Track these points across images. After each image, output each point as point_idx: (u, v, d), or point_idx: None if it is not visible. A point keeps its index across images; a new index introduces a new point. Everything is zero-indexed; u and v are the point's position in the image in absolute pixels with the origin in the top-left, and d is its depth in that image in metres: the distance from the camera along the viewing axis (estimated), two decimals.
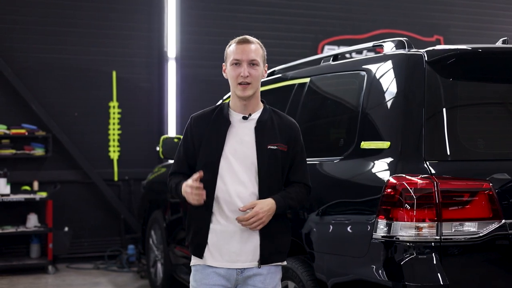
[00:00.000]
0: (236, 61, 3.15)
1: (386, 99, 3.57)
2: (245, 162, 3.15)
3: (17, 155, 8.21)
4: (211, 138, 3.18)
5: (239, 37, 3.23)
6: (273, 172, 3.16)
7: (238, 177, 3.14)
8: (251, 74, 3.13)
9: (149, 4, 8.94)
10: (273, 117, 3.25)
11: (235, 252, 3.15)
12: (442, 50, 3.54)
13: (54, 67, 8.52)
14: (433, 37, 10.55)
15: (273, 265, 3.22)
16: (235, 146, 3.16)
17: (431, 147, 3.32)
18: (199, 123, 3.25)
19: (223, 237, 3.16)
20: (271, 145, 3.16)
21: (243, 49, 3.16)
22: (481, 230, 3.17)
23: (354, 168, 3.63)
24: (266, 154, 3.15)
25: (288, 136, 3.23)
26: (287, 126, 3.26)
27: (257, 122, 3.19)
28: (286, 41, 9.58)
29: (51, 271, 7.88)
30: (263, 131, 3.17)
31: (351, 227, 3.53)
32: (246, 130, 3.18)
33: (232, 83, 3.18)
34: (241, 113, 3.20)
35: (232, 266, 3.16)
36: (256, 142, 3.15)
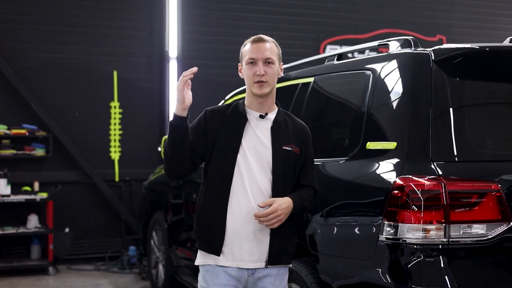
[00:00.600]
0: (252, 60, 3.15)
1: (392, 99, 3.51)
2: (261, 160, 3.14)
3: (17, 155, 8.16)
4: (228, 134, 3.17)
5: (254, 36, 3.22)
6: (287, 173, 3.17)
7: (254, 175, 3.13)
8: (267, 72, 3.13)
9: (150, 4, 8.89)
10: (287, 119, 3.27)
11: (248, 251, 3.13)
12: (450, 49, 3.48)
13: (55, 66, 8.46)
14: (435, 36, 10.50)
15: (284, 266, 3.22)
16: (251, 143, 3.16)
17: (439, 148, 3.26)
18: (215, 117, 3.22)
19: (236, 237, 3.12)
20: (286, 146, 3.18)
21: (258, 48, 3.15)
22: (490, 232, 3.11)
23: (359, 169, 3.57)
24: (281, 155, 3.16)
25: (301, 139, 3.26)
26: (300, 129, 3.29)
27: (274, 122, 3.20)
28: (287, 40, 9.50)
29: (52, 272, 7.83)
30: (279, 132, 3.19)
31: (356, 229, 3.47)
32: (263, 129, 3.19)
33: (248, 82, 3.18)
34: (258, 112, 3.20)
35: (244, 266, 3.13)
36: (272, 141, 3.16)
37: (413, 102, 3.40)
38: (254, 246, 3.13)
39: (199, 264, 3.22)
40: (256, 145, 3.16)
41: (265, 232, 3.14)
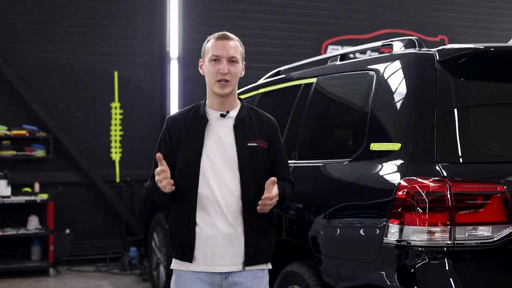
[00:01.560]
0: (216, 57, 3.04)
1: (396, 100, 3.47)
2: (226, 160, 3.06)
3: (17, 156, 8.13)
4: (189, 138, 3.10)
5: (217, 32, 3.13)
6: (255, 170, 3.09)
7: (221, 176, 3.05)
8: (230, 71, 3.05)
9: (151, 4, 8.86)
10: (251, 114, 3.17)
11: (220, 255, 3.04)
12: (454, 49, 3.45)
13: (55, 67, 8.43)
14: (437, 37, 10.47)
15: (259, 269, 3.11)
16: (214, 145, 3.08)
17: (444, 149, 3.22)
18: (176, 123, 3.16)
19: (208, 241, 3.04)
20: (251, 142, 3.09)
21: (223, 45, 3.05)
22: (495, 234, 3.07)
23: (363, 170, 3.53)
24: (247, 152, 3.07)
25: (268, 133, 3.16)
26: (266, 123, 3.19)
27: (236, 120, 3.12)
28: (288, 41, 9.50)
29: (52, 273, 7.80)
30: (242, 129, 3.11)
31: (360, 231, 3.43)
32: (225, 128, 3.11)
33: (210, 80, 3.09)
34: (219, 111, 3.12)
35: (216, 270, 3.05)
36: (236, 139, 3.08)
37: (418, 102, 3.37)
38: (227, 249, 3.04)
39: (173, 268, 3.15)
40: (219, 146, 3.08)
41: (238, 234, 3.05)
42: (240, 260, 3.06)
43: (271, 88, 5.00)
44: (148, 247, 6.98)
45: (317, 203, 3.84)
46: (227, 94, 3.09)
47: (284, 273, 4.05)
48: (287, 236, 4.13)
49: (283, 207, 4.14)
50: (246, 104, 3.22)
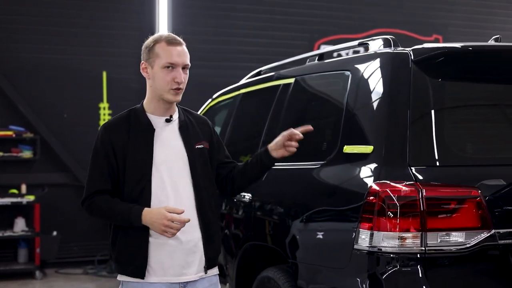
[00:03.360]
0: (171, 64, 2.93)
1: (369, 101, 3.37)
2: (178, 166, 2.97)
3: (4, 157, 8.07)
4: (136, 148, 2.92)
5: (164, 34, 3.03)
6: (205, 171, 3.05)
7: (173, 185, 2.94)
8: (184, 79, 2.97)
9: (140, 3, 8.78)
10: (189, 116, 3.13)
11: (180, 264, 2.93)
12: (430, 48, 3.33)
13: (42, 67, 8.36)
14: (432, 36, 10.37)
15: (213, 274, 3.08)
16: (164, 152, 2.96)
17: (417, 152, 3.10)
18: (115, 132, 2.96)
19: (166, 251, 2.91)
20: (198, 145, 3.05)
21: (179, 52, 2.96)
22: (469, 240, 2.96)
23: (336, 174, 3.42)
24: (196, 154, 3.02)
25: (207, 133, 3.16)
26: (203, 123, 3.19)
27: (180, 123, 3.04)
28: (281, 40, 9.40)
29: (39, 276, 7.72)
30: (188, 131, 3.05)
31: (332, 236, 3.33)
32: (171, 132, 3.01)
33: (162, 87, 2.94)
34: (162, 116, 3.00)
35: (177, 280, 2.93)
36: (184, 143, 3.01)
37: (391, 104, 3.25)
38: (186, 258, 2.94)
39: (122, 280, 2.96)
40: (169, 152, 2.97)
41: (196, 242, 2.96)
42: (201, 267, 3.00)
43: (251, 88, 4.90)
44: None
45: (291, 207, 3.74)
46: (178, 101, 3.02)
47: (260, 279, 3.96)
48: (262, 241, 4.03)
49: (258, 210, 4.06)
50: (180, 106, 3.13)
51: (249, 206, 4.18)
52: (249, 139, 4.67)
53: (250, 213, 4.16)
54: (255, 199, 4.10)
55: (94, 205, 2.96)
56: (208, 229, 3.00)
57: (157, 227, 2.80)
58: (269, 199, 3.94)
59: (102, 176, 2.93)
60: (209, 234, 3.01)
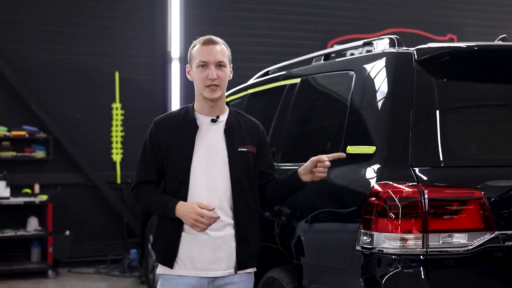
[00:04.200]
0: (203, 63, 3.05)
1: (373, 101, 3.34)
2: (217, 166, 3.06)
3: (17, 157, 8.10)
4: (179, 144, 3.07)
5: (203, 37, 3.12)
6: (246, 175, 3.10)
7: (211, 182, 3.05)
8: (219, 76, 3.04)
9: (153, 4, 8.79)
10: (240, 119, 3.18)
11: (209, 260, 3.05)
12: (434, 48, 3.30)
13: (55, 68, 8.40)
14: (446, 36, 10.28)
15: (246, 272, 3.14)
16: (205, 150, 3.07)
17: (419, 153, 3.08)
18: (164, 127, 3.13)
19: (196, 245, 3.05)
20: (242, 148, 3.10)
21: (210, 50, 3.05)
22: (472, 242, 2.93)
23: (339, 175, 3.40)
24: (238, 157, 3.08)
25: (256, 138, 3.19)
26: (254, 128, 3.22)
27: (226, 124, 3.11)
28: (294, 40, 9.36)
29: (51, 275, 7.76)
30: (233, 134, 3.10)
31: (335, 237, 3.31)
32: (216, 133, 3.10)
33: (199, 86, 3.09)
34: (209, 116, 3.11)
35: (205, 275, 3.05)
36: (227, 144, 3.08)
37: (394, 104, 3.23)
38: (215, 254, 3.04)
39: (158, 273, 3.15)
40: (211, 151, 3.07)
41: (225, 239, 3.06)
42: (230, 265, 3.07)
43: (258, 88, 4.89)
44: (145, 249, 6.90)
45: (295, 208, 3.72)
46: (217, 98, 3.07)
47: (265, 279, 3.94)
48: (268, 242, 4.01)
49: (263, 211, 4.05)
50: (233, 109, 3.21)
51: None
52: None
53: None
54: None
55: (138, 193, 3.13)
56: (242, 230, 3.08)
57: (188, 220, 2.94)
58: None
59: (148, 168, 3.12)
60: (242, 235, 3.08)
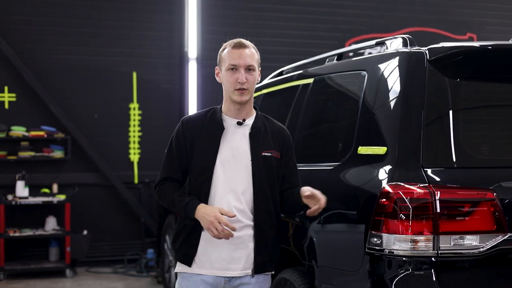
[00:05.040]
0: (233, 66, 3.06)
1: (384, 101, 3.31)
2: (240, 168, 3.08)
3: (36, 157, 8.16)
4: (204, 143, 3.10)
5: (233, 40, 3.14)
6: (268, 179, 3.11)
7: (233, 184, 3.08)
8: (248, 80, 3.07)
9: (170, 4, 8.80)
10: (266, 124, 3.19)
11: (226, 259, 3.08)
12: (446, 47, 3.26)
13: (73, 68, 8.44)
14: (465, 35, 10.18)
15: (263, 274, 3.15)
16: (229, 152, 3.09)
17: (431, 153, 3.05)
18: (191, 127, 3.16)
19: (214, 245, 3.08)
20: (266, 152, 3.12)
21: (240, 54, 3.07)
22: (483, 244, 2.89)
23: (350, 176, 3.38)
24: (261, 161, 3.10)
25: (281, 143, 3.19)
26: (280, 133, 3.22)
27: (252, 128, 3.13)
28: (312, 40, 9.33)
29: (69, 274, 7.81)
30: (258, 138, 3.12)
31: (346, 238, 3.29)
32: (240, 136, 3.12)
33: (228, 88, 3.10)
34: (235, 118, 3.14)
35: (222, 274, 3.08)
36: (251, 148, 3.10)
37: (405, 104, 3.19)
38: (232, 254, 3.07)
39: (176, 271, 3.18)
40: (234, 153, 3.09)
41: (243, 240, 3.08)
42: (248, 266, 3.09)
43: (272, 89, 4.88)
44: (161, 249, 6.92)
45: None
46: (245, 102, 3.10)
47: (277, 280, 3.93)
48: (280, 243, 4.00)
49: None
50: (261, 113, 3.23)
51: None
52: None
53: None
54: None
55: (161, 191, 3.17)
56: (262, 233, 3.09)
57: (205, 222, 2.97)
58: None
59: (172, 166, 3.16)
60: (262, 238, 3.10)
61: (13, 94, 8.25)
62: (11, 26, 8.21)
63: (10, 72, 8.19)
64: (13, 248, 8.05)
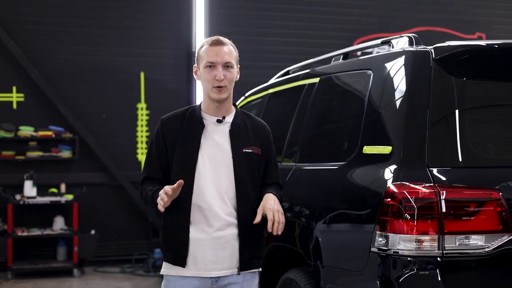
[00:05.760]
0: (211, 63, 3.04)
1: (390, 100, 3.30)
2: (221, 166, 3.07)
3: (44, 157, 8.20)
4: (185, 142, 3.09)
5: (211, 37, 3.13)
6: (249, 176, 3.10)
7: (215, 182, 3.06)
8: (226, 77, 3.04)
9: (178, 4, 8.81)
10: (246, 120, 3.18)
11: (211, 260, 3.05)
12: (452, 46, 3.24)
13: (81, 68, 8.47)
14: (474, 34, 10.14)
15: (250, 272, 3.13)
16: (210, 150, 3.08)
17: (436, 153, 3.03)
18: (171, 125, 3.14)
19: (199, 245, 3.05)
20: (246, 149, 3.11)
21: (218, 51, 3.05)
22: (489, 244, 2.87)
23: (355, 175, 3.37)
24: (242, 158, 3.09)
25: (261, 139, 3.19)
26: (260, 129, 3.22)
27: (232, 125, 3.12)
28: (319, 40, 9.31)
29: (77, 274, 7.83)
30: (238, 135, 3.11)
31: (351, 239, 3.27)
32: (221, 133, 3.11)
33: (206, 86, 3.08)
34: (215, 116, 3.12)
35: (207, 275, 3.05)
36: (232, 145, 3.09)
37: (410, 103, 3.18)
38: (217, 254, 3.04)
39: (163, 274, 3.15)
40: (215, 151, 3.08)
41: (228, 239, 3.05)
42: (233, 265, 3.07)
43: (279, 88, 4.87)
44: None
45: (311, 208, 3.70)
46: (224, 99, 3.08)
47: (283, 280, 3.93)
48: (285, 243, 3.99)
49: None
50: (240, 109, 3.22)
51: None
52: (275, 139, 4.62)
53: None
54: None
55: (142, 189, 3.16)
56: (246, 230, 3.07)
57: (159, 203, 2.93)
58: (290, 200, 3.90)
59: (153, 165, 3.15)
60: (246, 234, 3.08)
61: (21, 94, 8.29)
62: (19, 26, 8.25)
63: (18, 72, 8.23)
64: (21, 248, 8.08)
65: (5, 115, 8.21)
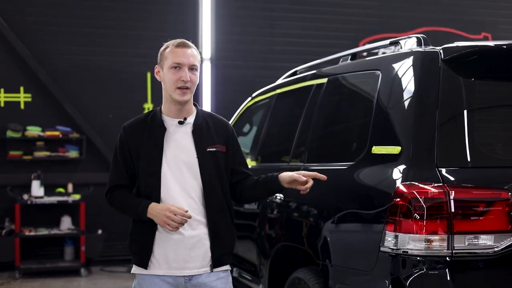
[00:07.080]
0: (177, 64, 3.06)
1: (399, 101, 3.31)
2: (187, 167, 3.08)
3: (51, 157, 8.24)
4: (148, 147, 3.09)
5: (176, 40, 3.16)
6: (216, 174, 3.12)
7: (182, 183, 3.08)
8: (191, 79, 3.05)
9: (184, 5, 8.84)
10: (207, 120, 3.19)
11: (184, 259, 3.07)
12: (461, 47, 3.26)
13: (88, 69, 8.50)
14: (480, 34, 10.14)
15: (222, 270, 3.15)
16: (174, 152, 3.09)
17: (445, 153, 3.04)
18: (133, 131, 3.16)
19: (170, 245, 3.07)
20: (210, 147, 3.12)
21: (184, 53, 3.08)
22: (498, 243, 2.89)
23: (364, 175, 3.39)
24: (207, 157, 3.10)
25: (224, 136, 3.21)
26: (222, 126, 3.24)
27: (194, 126, 3.13)
28: (324, 40, 9.33)
29: (84, 274, 7.87)
30: (201, 134, 3.12)
31: (360, 238, 3.29)
32: (183, 134, 3.12)
33: (169, 87, 3.08)
34: (176, 118, 3.12)
35: (180, 274, 3.07)
36: (195, 145, 3.10)
37: (419, 104, 3.19)
38: (189, 252, 3.06)
39: (134, 272, 3.16)
40: (179, 153, 3.09)
41: (200, 238, 3.08)
42: (205, 263, 3.09)
43: (286, 89, 4.89)
44: None
45: (320, 208, 3.71)
46: (186, 101, 3.09)
47: (291, 279, 3.95)
48: (293, 242, 4.01)
49: (289, 211, 4.04)
50: (201, 109, 3.23)
51: (280, 206, 4.17)
52: (283, 139, 4.66)
53: (281, 213, 4.16)
54: (286, 200, 4.08)
55: (113, 198, 3.17)
56: (216, 228, 3.09)
57: (160, 219, 2.96)
58: (299, 200, 3.92)
59: (120, 173, 3.15)
60: (216, 233, 3.10)
61: (28, 95, 8.32)
62: (27, 27, 8.28)
63: (25, 73, 8.27)
64: (29, 247, 8.12)
65: (13, 115, 8.25)
